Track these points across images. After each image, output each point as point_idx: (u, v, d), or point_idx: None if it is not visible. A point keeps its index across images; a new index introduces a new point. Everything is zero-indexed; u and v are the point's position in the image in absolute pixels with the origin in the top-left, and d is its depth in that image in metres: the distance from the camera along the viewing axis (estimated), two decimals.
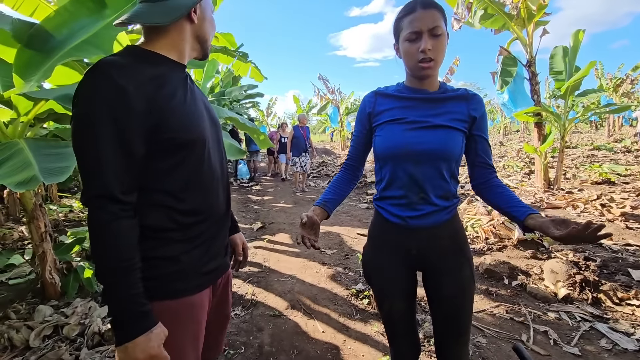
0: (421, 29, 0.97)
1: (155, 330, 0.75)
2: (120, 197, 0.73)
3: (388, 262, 1.13)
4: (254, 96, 10.75)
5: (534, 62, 5.89)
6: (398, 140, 1.05)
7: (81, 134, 0.73)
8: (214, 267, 0.93)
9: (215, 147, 0.95)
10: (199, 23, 0.90)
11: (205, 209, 0.90)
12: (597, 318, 2.22)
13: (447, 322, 1.10)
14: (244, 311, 2.47)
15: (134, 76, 0.75)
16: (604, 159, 9.39)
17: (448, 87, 1.10)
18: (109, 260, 0.72)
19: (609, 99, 17.26)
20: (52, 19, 2.06)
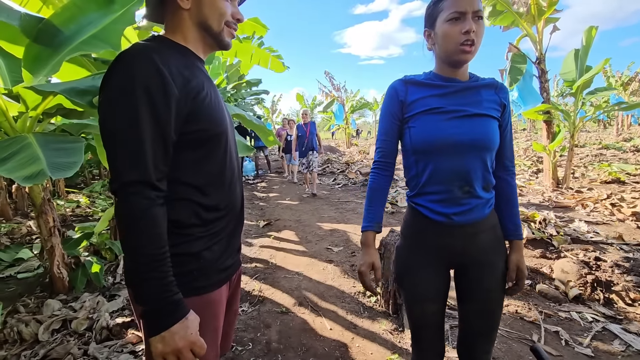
0: (466, 9, 0.92)
1: (190, 317, 0.73)
2: (157, 184, 0.71)
3: (427, 262, 1.07)
4: (259, 93, 10.74)
5: (544, 60, 5.81)
6: (438, 131, 0.98)
7: (121, 119, 0.69)
8: (231, 263, 0.93)
9: (233, 141, 0.94)
10: (194, 7, 0.82)
11: (226, 204, 0.88)
12: (609, 319, 2.18)
13: (482, 316, 1.08)
14: (251, 307, 2.46)
15: (171, 63, 0.74)
16: (613, 158, 9.26)
17: (475, 76, 1.07)
18: (145, 249, 0.69)
19: (618, 97, 17.03)
20: (60, 14, 2.05)
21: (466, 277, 1.09)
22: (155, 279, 0.69)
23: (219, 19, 0.83)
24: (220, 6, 0.83)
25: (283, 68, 5.01)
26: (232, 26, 0.87)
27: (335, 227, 4.44)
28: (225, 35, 0.86)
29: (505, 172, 1.11)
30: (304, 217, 5.04)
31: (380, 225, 1.10)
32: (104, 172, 7.91)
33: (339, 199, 6.31)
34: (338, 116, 18.01)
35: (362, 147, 17.10)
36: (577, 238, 3.48)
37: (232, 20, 0.86)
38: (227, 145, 0.88)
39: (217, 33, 0.85)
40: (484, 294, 1.07)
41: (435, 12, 0.99)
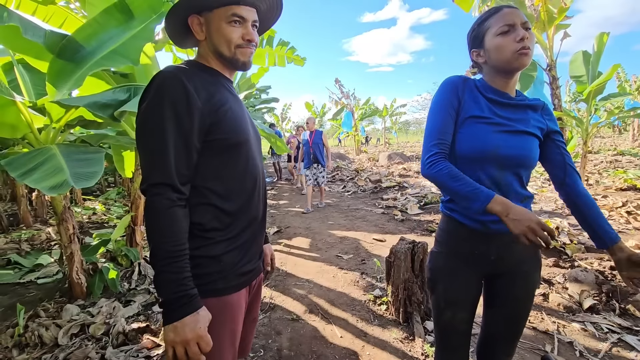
0: (515, 21, 0.98)
1: (202, 312, 0.80)
2: (179, 187, 0.80)
3: (463, 269, 1.09)
4: (269, 101, 10.89)
5: (555, 66, 5.77)
6: (486, 141, 1.00)
7: (150, 128, 0.81)
8: (251, 268, 0.98)
9: (257, 152, 1.01)
10: (208, 38, 0.93)
11: (247, 211, 0.95)
12: (625, 330, 2.14)
13: (510, 322, 1.12)
14: (262, 314, 2.49)
15: (196, 81, 0.85)
16: (629, 164, 9.06)
17: (522, 95, 1.11)
18: (166, 244, 0.77)
19: (633, 102, 16.69)
20: (82, 30, 2.16)
21: (498, 285, 1.12)
22: (172, 272, 0.77)
23: (228, 45, 0.92)
24: (226, 33, 0.91)
25: (302, 61, 4.94)
26: (245, 47, 0.93)
27: (345, 235, 4.46)
28: (239, 57, 0.94)
29: (576, 177, 1.08)
30: (314, 225, 5.07)
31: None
32: (119, 179, 8.10)
33: (349, 206, 6.33)
34: (346, 123, 18.05)
35: (372, 154, 17.10)
36: (592, 247, 3.42)
37: (242, 43, 0.93)
38: (248, 154, 0.95)
39: (229, 57, 0.94)
40: (514, 302, 1.10)
41: (482, 31, 1.05)
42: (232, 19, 0.90)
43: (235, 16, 0.90)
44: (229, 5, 0.90)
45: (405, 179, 8.31)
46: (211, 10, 0.90)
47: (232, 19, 0.90)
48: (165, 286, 0.77)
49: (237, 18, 0.90)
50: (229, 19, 0.90)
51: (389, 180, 8.24)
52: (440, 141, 1.01)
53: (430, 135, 1.03)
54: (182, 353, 0.77)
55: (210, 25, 0.91)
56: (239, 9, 0.91)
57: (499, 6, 1.03)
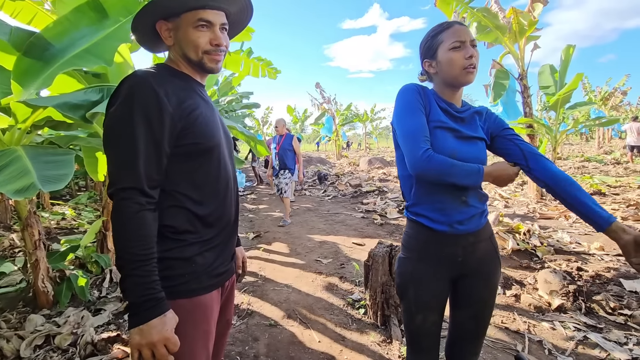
0: (465, 38, 1.06)
1: (169, 314, 0.80)
2: (148, 191, 0.80)
3: (432, 273, 1.11)
4: (250, 106, 10.80)
5: (526, 76, 6.03)
6: (446, 147, 1.05)
7: (118, 132, 0.81)
8: (224, 270, 0.99)
9: (228, 156, 1.02)
10: (177, 43, 0.93)
11: (219, 214, 0.96)
12: (590, 328, 2.24)
13: (475, 321, 1.16)
14: (239, 321, 2.45)
15: (166, 86, 0.85)
16: (595, 170, 9.55)
17: (468, 104, 1.19)
18: (133, 248, 0.77)
19: (598, 111, 17.65)
20: (52, 28, 2.07)
21: (463, 286, 1.16)
22: (140, 276, 0.77)
23: (195, 50, 0.91)
24: (192, 39, 0.90)
25: (276, 74, 5.07)
26: (213, 53, 0.93)
27: (325, 239, 4.46)
28: (207, 62, 0.93)
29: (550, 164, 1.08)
30: (294, 229, 5.05)
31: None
32: (91, 183, 7.79)
33: (329, 210, 6.34)
34: (327, 128, 18.15)
35: (352, 159, 17.24)
36: (560, 249, 3.57)
37: (210, 48, 0.92)
38: (220, 158, 0.96)
39: (197, 62, 0.93)
40: (479, 302, 1.15)
41: (435, 43, 1.11)
42: (199, 24, 0.89)
43: (201, 21, 0.89)
44: (195, 9, 0.89)
45: (385, 184, 8.42)
46: (178, 15, 0.89)
47: (198, 23, 0.89)
48: (132, 289, 0.77)
49: (203, 22, 0.90)
50: (195, 23, 0.89)
51: (369, 184, 8.33)
52: (427, 138, 1.04)
53: (414, 134, 1.03)
54: (149, 356, 0.77)
55: (178, 30, 0.91)
56: (205, 13, 0.89)
57: (450, 22, 1.10)
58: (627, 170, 9.20)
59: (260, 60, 4.85)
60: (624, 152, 12.53)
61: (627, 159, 10.95)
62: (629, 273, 2.93)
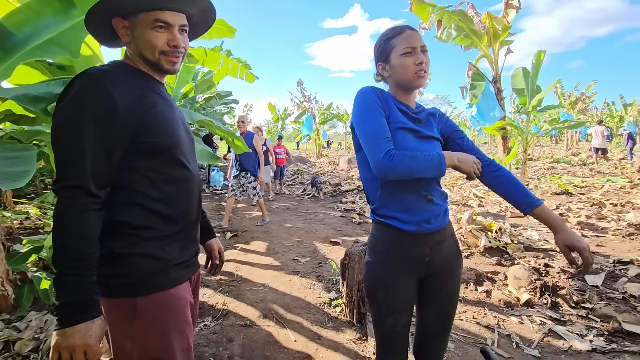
0: (415, 45, 1.09)
1: (97, 321, 0.78)
2: (94, 191, 0.79)
3: (400, 275, 1.12)
4: (229, 103, 10.64)
5: (500, 79, 6.25)
6: (407, 146, 1.07)
7: (66, 129, 0.79)
8: (190, 263, 1.00)
9: (189, 153, 1.01)
10: (133, 41, 0.90)
11: (181, 212, 0.96)
12: (555, 321, 2.34)
13: (441, 318, 1.19)
14: (213, 322, 2.40)
15: (120, 84, 0.83)
16: (563, 171, 10.01)
17: (422, 106, 1.23)
18: (73, 246, 0.76)
19: (567, 114, 18.51)
20: (13, 16, 1.96)
21: (429, 285, 1.17)
22: (75, 275, 0.76)
23: (151, 50, 0.89)
24: (149, 39, 0.88)
25: (253, 78, 5.05)
26: (170, 54, 0.91)
27: (303, 238, 4.45)
28: (163, 63, 0.92)
29: (491, 165, 1.15)
30: (272, 228, 5.01)
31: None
32: None
33: (308, 209, 6.33)
34: (307, 126, 18.13)
35: (332, 158, 17.30)
36: (530, 246, 3.72)
37: (168, 50, 0.90)
38: (179, 156, 0.95)
39: (153, 62, 0.92)
40: (445, 298, 1.17)
41: (388, 48, 1.13)
42: (156, 25, 0.87)
43: (159, 22, 0.87)
44: (152, 10, 0.86)
45: None
46: (135, 14, 0.87)
47: (155, 24, 0.87)
48: (66, 289, 0.76)
49: (161, 24, 0.88)
50: (152, 24, 0.87)
51: (349, 183, 8.39)
52: (388, 139, 1.04)
53: (376, 136, 1.04)
54: (68, 359, 0.75)
55: (135, 29, 0.89)
56: (163, 14, 0.87)
57: (402, 26, 1.13)
58: (592, 171, 9.71)
59: (240, 62, 4.80)
60: (589, 154, 13.21)
61: (593, 161, 11.55)
62: (592, 269, 3.08)
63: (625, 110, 26.18)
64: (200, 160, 2.94)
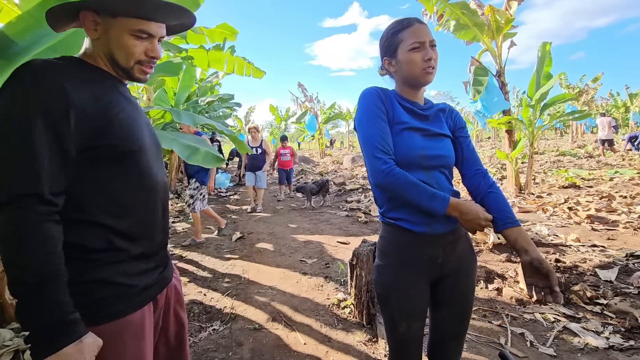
0: (424, 39, 1.04)
1: (87, 339, 0.69)
2: (49, 198, 0.68)
3: (413, 278, 1.08)
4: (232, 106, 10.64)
5: (503, 73, 6.17)
6: (414, 146, 1.05)
7: (10, 128, 0.68)
8: (152, 283, 0.88)
9: (154, 159, 0.91)
10: (103, 39, 0.82)
11: (144, 228, 0.86)
12: (569, 318, 2.30)
13: (458, 320, 1.15)
14: (222, 326, 2.38)
15: (70, 78, 0.73)
16: (569, 164, 9.89)
17: (431, 102, 1.20)
18: (35, 266, 0.65)
19: (572, 107, 18.31)
20: (14, 25, 1.95)
21: (444, 286, 1.13)
22: (49, 298, 0.66)
23: (127, 57, 0.83)
24: (127, 45, 0.82)
25: (261, 73, 4.98)
26: (145, 65, 0.86)
27: (309, 239, 4.43)
28: (135, 72, 0.86)
29: (479, 174, 1.15)
30: (278, 230, 4.99)
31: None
32: None
33: (313, 210, 6.31)
34: (310, 126, 18.09)
35: (336, 157, 17.27)
36: (539, 241, 3.66)
37: (145, 59, 0.85)
38: (143, 164, 0.85)
39: (125, 69, 0.85)
40: (461, 299, 1.13)
41: (395, 42, 1.09)
42: (139, 34, 0.82)
43: (142, 32, 0.82)
44: (138, 18, 0.81)
45: (368, 181, 8.46)
46: (114, 16, 0.80)
47: (137, 33, 0.82)
48: (37, 314, 0.65)
49: (144, 35, 0.82)
50: (134, 32, 0.81)
51: (353, 182, 8.35)
52: (386, 148, 1.02)
53: (372, 143, 1.02)
54: None
55: (109, 29, 0.80)
56: (148, 25, 0.82)
57: (410, 19, 1.08)
58: (599, 163, 9.58)
59: (245, 59, 4.77)
60: (595, 146, 13.05)
61: (599, 153, 11.41)
62: (604, 263, 3.03)
63: (630, 101, 25.86)
64: (206, 164, 2.92)
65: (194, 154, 2.91)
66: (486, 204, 1.07)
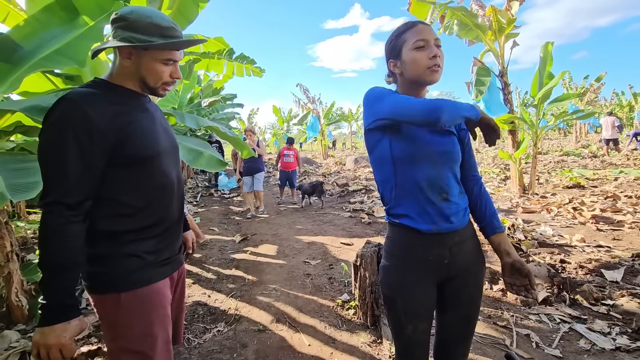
0: (428, 38, 1.05)
1: (73, 322, 0.88)
2: (74, 205, 0.88)
3: (419, 279, 1.07)
4: (234, 106, 10.66)
5: (506, 73, 6.15)
6: (421, 142, 1.05)
7: (49, 149, 0.89)
8: (171, 260, 1.11)
9: (171, 161, 1.11)
10: (135, 65, 1.00)
11: (162, 216, 1.06)
12: (575, 319, 2.28)
13: (464, 322, 1.14)
14: (227, 327, 2.39)
15: (98, 104, 0.92)
16: (573, 164, 9.83)
17: None
18: (54, 257, 0.86)
19: (575, 106, 18.21)
20: (20, 29, 1.98)
21: (450, 288, 1.12)
22: (56, 283, 0.86)
23: (156, 80, 1.03)
24: (157, 71, 1.01)
25: (261, 72, 5.09)
26: (169, 84, 1.06)
27: (313, 240, 4.42)
28: (160, 90, 1.06)
29: (474, 180, 1.18)
30: (281, 231, 5.00)
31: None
32: None
33: (316, 211, 6.31)
34: (312, 127, 18.09)
35: (339, 159, 17.26)
36: (544, 242, 3.65)
37: (169, 81, 1.05)
38: (159, 166, 1.05)
39: (153, 88, 1.05)
40: (468, 302, 1.12)
41: (399, 44, 1.10)
42: (166, 61, 1.01)
43: (170, 60, 1.01)
44: (169, 50, 1.00)
45: (371, 182, 8.44)
46: (147, 49, 0.98)
47: (166, 62, 1.01)
48: (48, 293, 0.86)
49: (170, 62, 1.02)
50: (164, 60, 1.01)
51: (356, 183, 8.34)
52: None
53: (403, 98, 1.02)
54: (45, 356, 0.86)
55: (142, 59, 0.99)
56: (175, 54, 1.02)
57: (414, 21, 1.09)
58: (603, 163, 9.52)
59: (244, 59, 4.79)
60: (600, 146, 12.96)
61: (604, 152, 11.33)
62: (610, 264, 3.01)
63: (635, 100, 25.69)
64: (210, 168, 2.94)
65: (198, 157, 2.92)
66: (477, 210, 1.16)
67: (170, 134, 1.16)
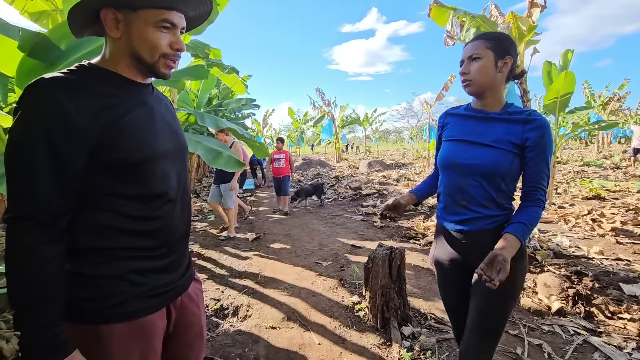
0: (463, 57, 1.24)
1: (76, 357, 0.73)
2: (47, 221, 0.70)
3: (442, 257, 1.35)
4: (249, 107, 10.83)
5: (526, 80, 6.06)
6: (450, 153, 1.27)
7: (14, 152, 0.70)
8: (168, 288, 0.89)
9: (174, 166, 0.91)
10: (125, 38, 0.80)
11: (161, 229, 0.86)
12: (590, 331, 2.25)
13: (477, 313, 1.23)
14: (239, 322, 2.45)
15: (78, 94, 0.73)
16: (594, 174, 9.57)
17: (513, 109, 1.21)
18: (25, 287, 0.68)
19: (598, 115, 17.69)
20: (57, 29, 2.08)
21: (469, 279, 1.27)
22: (30, 318, 0.68)
23: (151, 51, 0.81)
24: (151, 39, 0.80)
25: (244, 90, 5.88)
26: (170, 58, 0.84)
27: (325, 242, 4.46)
28: (160, 66, 0.84)
29: (524, 195, 1.19)
30: (294, 231, 5.05)
31: (418, 195, 1.45)
32: None
33: (329, 213, 6.35)
34: (326, 130, 18.15)
35: (352, 162, 17.26)
36: (560, 253, 3.58)
37: (170, 52, 0.83)
38: (158, 170, 0.85)
39: (150, 64, 0.83)
40: (479, 294, 1.23)
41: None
42: (162, 25, 0.80)
43: (166, 22, 0.80)
44: (161, 8, 0.79)
45: (384, 187, 8.43)
46: (135, 9, 0.78)
47: (162, 24, 0.79)
48: (24, 331, 0.68)
49: (167, 24, 0.80)
50: (158, 23, 0.79)
51: (369, 187, 8.34)
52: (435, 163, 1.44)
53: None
54: None
55: (131, 25, 0.79)
56: (171, 14, 0.80)
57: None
58: (626, 174, 9.23)
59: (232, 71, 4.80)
60: (623, 157, 12.56)
61: (630, 162, 10.95)
62: (628, 277, 2.94)
63: None
64: (228, 168, 3.00)
65: (217, 157, 3.00)
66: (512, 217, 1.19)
67: (176, 132, 0.95)
